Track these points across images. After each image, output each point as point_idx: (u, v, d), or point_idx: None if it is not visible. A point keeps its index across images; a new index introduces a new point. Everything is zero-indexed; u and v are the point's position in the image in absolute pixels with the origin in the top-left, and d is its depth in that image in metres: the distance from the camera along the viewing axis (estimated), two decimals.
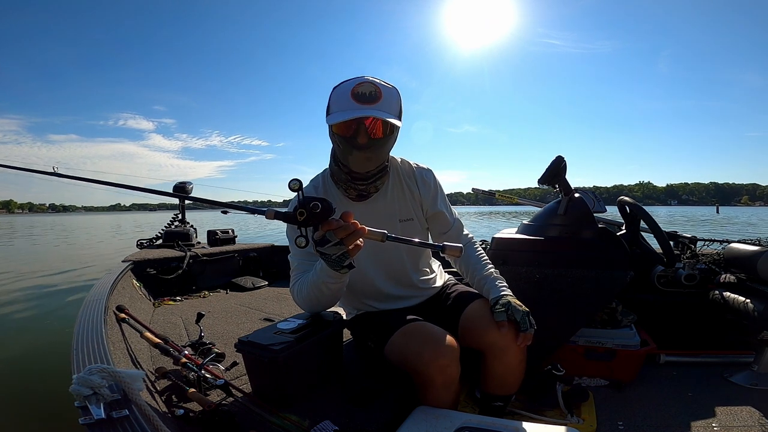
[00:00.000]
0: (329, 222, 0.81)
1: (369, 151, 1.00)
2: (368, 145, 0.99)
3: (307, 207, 0.79)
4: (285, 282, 2.95)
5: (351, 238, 0.82)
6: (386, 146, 1.05)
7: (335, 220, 0.81)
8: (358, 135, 0.99)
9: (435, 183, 1.23)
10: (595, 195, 1.76)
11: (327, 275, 0.95)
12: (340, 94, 0.99)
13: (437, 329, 1.02)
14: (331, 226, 0.81)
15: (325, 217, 0.80)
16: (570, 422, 1.22)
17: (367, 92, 0.97)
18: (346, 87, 0.99)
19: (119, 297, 1.76)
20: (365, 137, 0.99)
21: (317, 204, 0.79)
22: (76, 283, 5.58)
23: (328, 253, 0.86)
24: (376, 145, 1.01)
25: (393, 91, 1.01)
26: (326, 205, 0.80)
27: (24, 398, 2.12)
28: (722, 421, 1.24)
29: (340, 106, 0.99)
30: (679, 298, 1.77)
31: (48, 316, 3.84)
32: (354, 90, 0.97)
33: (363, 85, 0.98)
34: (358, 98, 0.97)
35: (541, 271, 1.40)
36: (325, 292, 1.01)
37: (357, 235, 0.83)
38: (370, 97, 0.97)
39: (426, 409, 0.98)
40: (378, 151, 1.02)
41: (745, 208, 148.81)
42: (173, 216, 3.31)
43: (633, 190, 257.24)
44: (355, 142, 0.99)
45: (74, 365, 0.90)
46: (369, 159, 1.03)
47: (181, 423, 0.94)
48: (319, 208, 0.79)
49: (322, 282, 0.98)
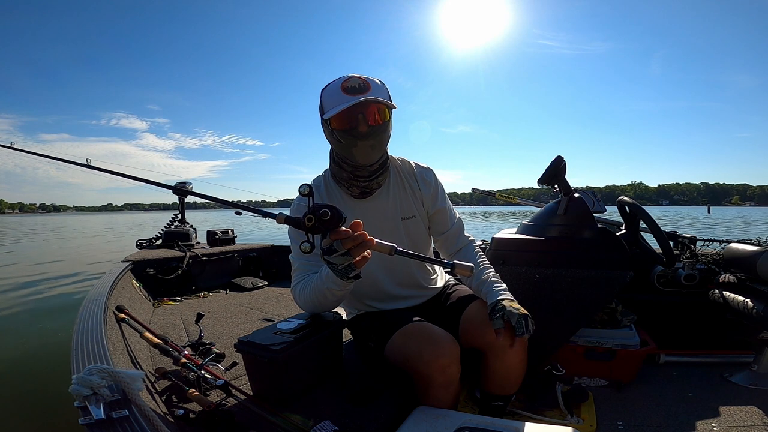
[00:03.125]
0: (338, 231, 0.80)
1: (371, 138, 1.03)
2: (370, 132, 1.02)
3: (317, 213, 0.78)
4: (285, 282, 2.95)
5: (358, 249, 0.81)
6: (386, 133, 1.07)
7: (344, 230, 0.80)
8: (358, 124, 1.01)
9: (435, 182, 1.24)
10: (594, 195, 1.76)
11: (332, 282, 0.95)
12: (330, 92, 1.03)
13: (437, 329, 1.02)
14: (339, 235, 0.80)
15: (334, 225, 0.79)
16: (570, 422, 1.22)
17: (356, 85, 1.01)
18: (335, 84, 1.03)
19: (119, 297, 1.75)
20: (365, 125, 1.01)
21: (327, 211, 0.78)
22: (76, 283, 5.57)
23: (334, 263, 0.85)
24: (377, 132, 1.03)
25: (380, 84, 1.05)
26: (336, 213, 0.78)
27: (24, 398, 2.12)
28: (722, 421, 1.24)
29: (334, 101, 1.01)
30: (678, 298, 1.77)
31: (47, 316, 3.84)
32: (343, 85, 1.01)
33: (350, 79, 1.02)
34: (349, 91, 1.00)
35: (541, 271, 1.40)
36: (329, 297, 1.02)
37: (365, 247, 0.81)
38: (360, 89, 1.01)
39: (426, 409, 0.98)
40: (379, 138, 1.05)
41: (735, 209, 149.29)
42: (173, 216, 3.31)
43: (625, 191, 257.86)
44: (357, 132, 1.02)
45: (74, 365, 0.90)
46: (373, 147, 1.05)
47: (180, 423, 0.93)
48: (329, 216, 0.78)
49: (326, 288, 0.99)
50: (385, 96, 1.04)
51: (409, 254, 0.81)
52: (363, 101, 0.99)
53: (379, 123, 1.03)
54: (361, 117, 1.01)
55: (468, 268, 0.78)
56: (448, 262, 0.79)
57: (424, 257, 0.83)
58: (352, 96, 0.99)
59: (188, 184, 3.20)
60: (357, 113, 1.01)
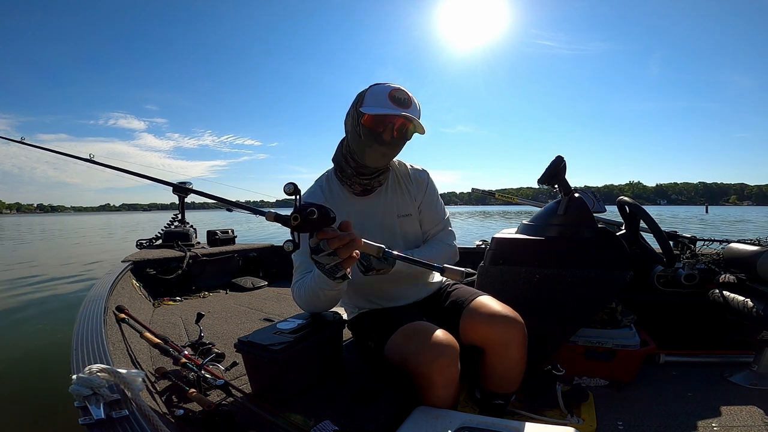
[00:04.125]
0: (324, 231, 0.80)
1: (389, 148, 1.11)
2: (391, 142, 1.10)
3: (303, 212, 0.77)
4: (285, 282, 2.95)
5: (345, 249, 0.81)
6: (401, 147, 1.15)
7: (331, 230, 0.80)
8: (385, 131, 1.08)
9: (427, 183, 1.31)
10: (594, 195, 1.76)
11: (324, 282, 0.97)
12: (378, 92, 1.08)
13: (437, 329, 1.02)
14: (326, 235, 0.80)
15: (321, 224, 0.78)
16: (570, 422, 1.22)
17: (403, 98, 1.07)
18: (385, 88, 1.09)
19: (119, 297, 1.75)
20: (390, 134, 1.09)
21: (313, 210, 0.77)
22: (76, 283, 5.57)
23: (321, 262, 0.85)
24: (396, 144, 1.11)
25: (418, 106, 1.13)
26: (323, 212, 0.78)
27: (23, 398, 2.12)
28: (722, 421, 1.24)
29: (377, 102, 1.07)
30: (678, 298, 1.77)
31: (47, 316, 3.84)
32: (392, 93, 1.07)
33: (399, 91, 1.08)
34: (394, 101, 1.06)
35: (541, 271, 1.40)
36: (322, 297, 1.04)
37: (351, 247, 0.81)
38: (404, 102, 1.08)
39: (426, 409, 0.98)
40: (395, 149, 1.13)
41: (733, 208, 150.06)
42: (173, 216, 3.31)
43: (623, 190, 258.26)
44: (381, 137, 1.09)
45: (74, 365, 0.90)
46: (385, 155, 1.12)
47: (181, 423, 0.93)
48: (316, 215, 0.77)
49: (319, 288, 1.01)
50: (419, 118, 1.10)
51: (399, 257, 0.81)
52: (403, 115, 1.06)
53: (402, 139, 1.11)
54: (390, 126, 1.08)
55: (459, 272, 0.79)
56: (439, 266, 0.79)
57: (414, 260, 0.83)
58: (396, 106, 1.06)
59: (188, 184, 3.20)
60: (390, 122, 1.08)
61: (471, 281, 1.59)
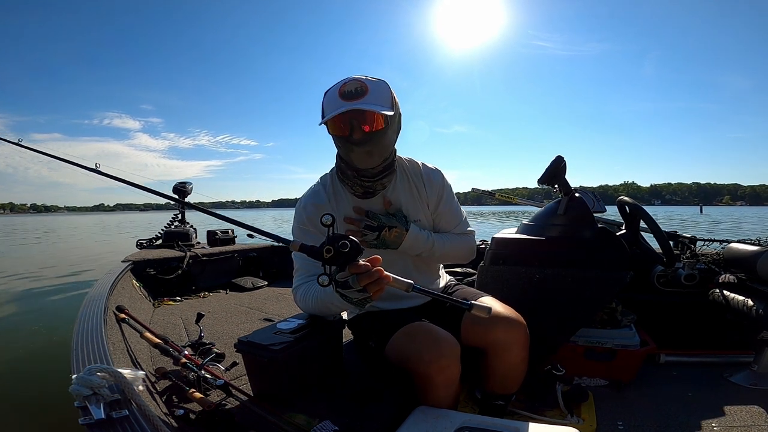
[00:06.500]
0: (357, 266, 0.78)
1: (368, 145, 1.01)
2: (365, 139, 1.00)
3: (336, 245, 0.76)
4: (285, 282, 2.95)
5: (374, 285, 0.80)
6: (384, 139, 1.03)
7: (363, 264, 0.78)
8: (353, 132, 1.00)
9: (442, 184, 1.23)
10: (594, 195, 1.76)
11: (338, 300, 0.92)
12: (330, 97, 1.01)
13: (438, 329, 1.02)
14: (358, 269, 0.78)
15: (352, 257, 0.77)
16: (570, 422, 1.22)
17: (353, 89, 0.98)
18: (335, 88, 1.01)
19: (119, 297, 1.75)
20: (360, 132, 0.99)
21: (346, 243, 0.76)
22: (76, 283, 5.57)
23: (349, 297, 0.83)
24: (373, 139, 1.00)
25: (380, 84, 1.01)
26: (355, 245, 0.77)
27: (23, 398, 2.12)
28: (722, 421, 1.24)
29: (330, 105, 1.00)
30: (678, 298, 1.77)
31: (47, 316, 3.84)
32: (341, 90, 0.99)
33: (348, 83, 0.99)
34: (344, 96, 0.98)
35: (541, 271, 1.40)
36: (333, 309, 1.05)
37: (381, 284, 0.80)
38: (356, 93, 0.97)
39: (426, 409, 0.98)
40: (377, 144, 1.02)
41: (727, 208, 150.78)
42: (173, 216, 3.31)
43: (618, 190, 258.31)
44: (352, 138, 1.00)
45: (74, 365, 0.90)
46: (369, 153, 1.02)
47: (181, 423, 0.93)
48: (348, 248, 0.76)
49: (330, 302, 1.00)
50: (385, 100, 1.00)
51: (427, 292, 0.80)
52: (353, 109, 0.96)
53: (375, 130, 1.00)
54: (355, 123, 0.98)
55: (485, 309, 0.76)
56: (466, 302, 0.78)
57: (441, 296, 0.81)
58: (346, 101, 0.97)
59: (188, 184, 3.20)
60: (351, 120, 0.98)
61: (471, 281, 1.59)
